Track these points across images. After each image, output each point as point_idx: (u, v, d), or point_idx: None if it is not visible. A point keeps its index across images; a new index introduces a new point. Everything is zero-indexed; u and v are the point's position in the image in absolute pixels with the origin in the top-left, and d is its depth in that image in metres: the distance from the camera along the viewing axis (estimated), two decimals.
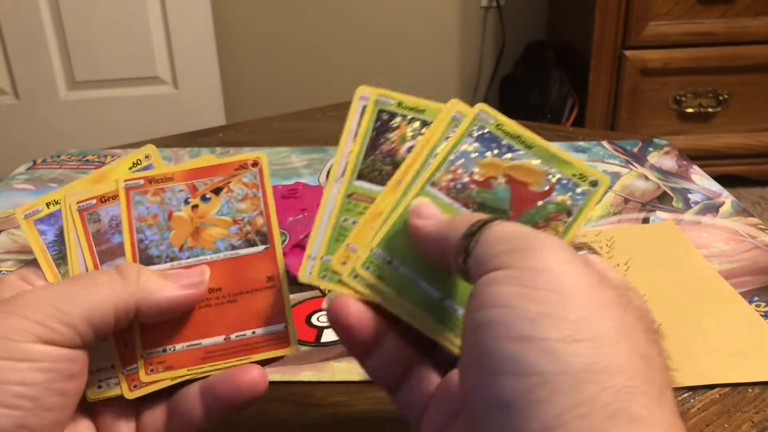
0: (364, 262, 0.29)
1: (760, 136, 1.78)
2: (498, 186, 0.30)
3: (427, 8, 2.08)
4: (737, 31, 1.67)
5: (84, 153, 0.74)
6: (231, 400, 0.29)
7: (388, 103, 0.32)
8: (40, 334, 0.25)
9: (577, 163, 0.29)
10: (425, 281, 0.29)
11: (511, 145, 0.30)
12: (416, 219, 0.28)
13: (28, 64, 1.84)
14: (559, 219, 0.29)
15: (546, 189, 0.29)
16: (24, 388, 0.24)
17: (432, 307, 0.29)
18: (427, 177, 0.30)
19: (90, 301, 0.26)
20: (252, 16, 2.05)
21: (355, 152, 0.32)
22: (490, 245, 0.24)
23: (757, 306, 0.45)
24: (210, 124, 1.09)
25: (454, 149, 0.30)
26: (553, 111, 1.81)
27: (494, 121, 0.30)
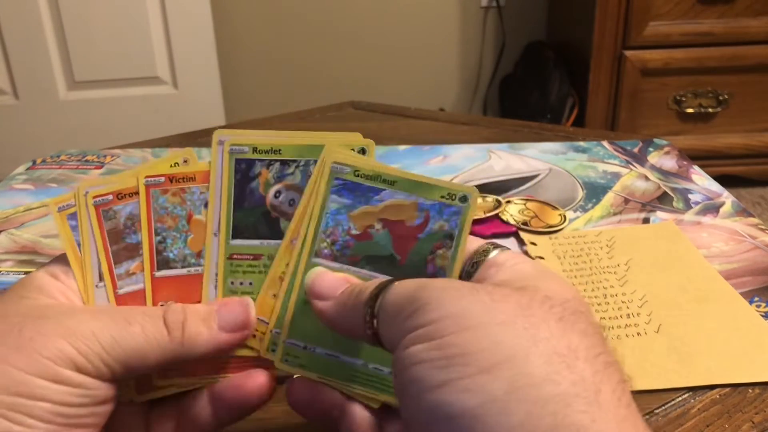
0: (282, 355, 0.30)
1: (760, 136, 1.78)
2: (377, 233, 0.30)
3: (427, 8, 2.08)
4: (737, 31, 1.67)
5: (84, 153, 0.74)
6: (239, 405, 0.29)
7: (243, 151, 0.31)
8: (80, 364, 0.26)
9: (440, 183, 0.30)
10: (344, 354, 0.30)
11: (374, 188, 0.30)
12: (316, 302, 0.29)
13: (27, 64, 1.84)
14: (443, 246, 0.29)
15: (422, 221, 0.30)
16: (60, 407, 0.25)
17: (361, 375, 0.30)
18: (308, 250, 0.30)
19: (134, 349, 0.27)
20: (252, 16, 2.05)
21: (224, 209, 0.31)
22: (392, 317, 0.25)
23: (757, 306, 0.45)
24: (210, 124, 1.09)
25: (322, 213, 0.30)
26: (553, 111, 1.81)
27: (350, 169, 0.30)
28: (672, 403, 0.37)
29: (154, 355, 0.27)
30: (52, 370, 0.25)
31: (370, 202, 0.30)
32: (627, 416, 0.21)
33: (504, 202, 0.59)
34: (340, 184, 0.30)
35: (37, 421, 0.25)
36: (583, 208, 0.59)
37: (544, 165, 0.69)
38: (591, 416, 0.20)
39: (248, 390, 0.29)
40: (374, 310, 0.26)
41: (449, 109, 2.20)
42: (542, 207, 0.59)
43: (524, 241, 0.54)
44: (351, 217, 0.30)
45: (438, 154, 0.71)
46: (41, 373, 0.25)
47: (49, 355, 0.25)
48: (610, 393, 0.21)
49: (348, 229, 0.30)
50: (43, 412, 0.25)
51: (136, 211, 0.30)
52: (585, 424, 0.20)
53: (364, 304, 0.26)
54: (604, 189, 0.63)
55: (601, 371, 0.21)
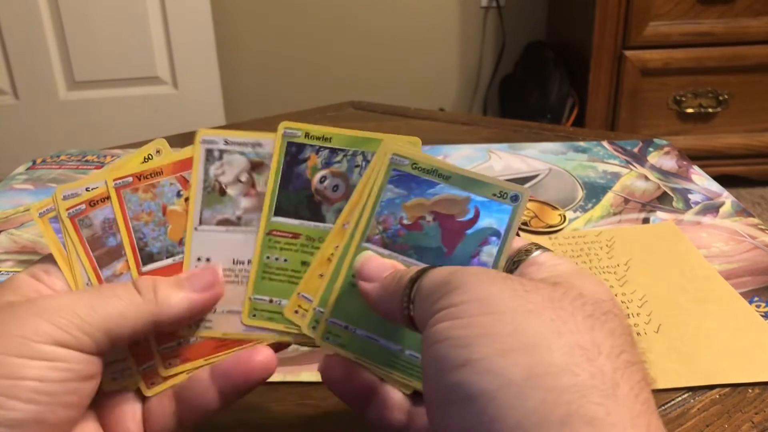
0: (323, 333, 0.31)
1: (760, 136, 1.78)
2: (427, 225, 0.31)
3: (427, 8, 2.08)
4: (737, 31, 1.67)
5: (84, 153, 0.74)
6: (244, 382, 0.30)
7: (296, 135, 0.33)
8: (59, 337, 0.26)
9: (494, 181, 0.30)
10: (383, 338, 0.31)
11: (429, 181, 0.31)
12: (363, 283, 0.29)
13: (27, 64, 1.84)
14: (489, 243, 0.30)
15: (472, 216, 0.30)
16: (42, 384, 0.25)
17: (395, 360, 0.31)
18: (360, 235, 0.31)
19: (111, 313, 0.27)
20: (252, 16, 2.05)
21: (269, 188, 0.32)
22: (424, 299, 0.25)
23: (757, 306, 0.45)
24: (210, 124, 1.09)
25: (378, 200, 0.31)
26: (553, 111, 1.81)
27: (408, 161, 0.31)
28: (672, 403, 0.37)
29: (132, 318, 0.27)
30: (29, 347, 0.25)
31: (424, 194, 0.31)
32: (642, 412, 0.20)
33: None
34: (397, 175, 0.31)
35: (18, 401, 0.24)
36: (583, 208, 0.59)
37: (544, 165, 0.69)
38: (606, 409, 0.20)
39: (254, 364, 0.29)
40: (411, 294, 0.26)
41: (449, 109, 2.20)
42: (542, 207, 0.59)
43: None
44: (404, 207, 0.31)
45: (438, 154, 0.71)
46: (18, 351, 0.25)
47: (25, 333, 0.25)
48: (627, 389, 0.21)
49: (400, 219, 0.31)
50: (25, 391, 0.24)
51: (111, 215, 0.31)
52: (599, 415, 0.20)
53: (404, 288, 0.27)
54: (604, 189, 0.63)
55: (622, 368, 0.21)
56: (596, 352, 0.21)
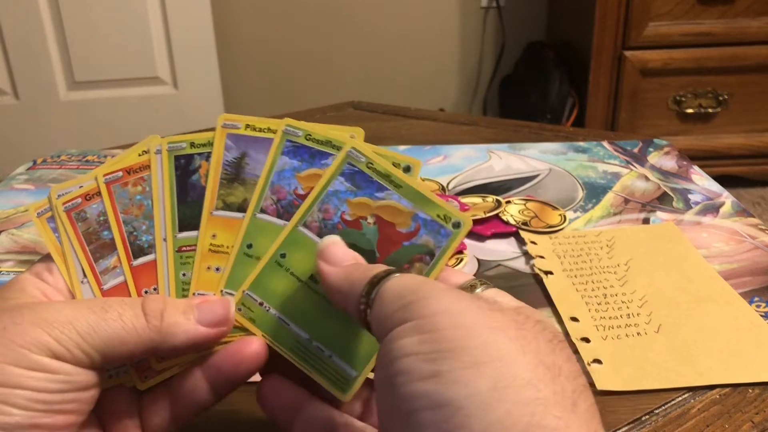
0: (237, 303, 0.31)
1: (760, 137, 1.78)
2: (367, 226, 0.31)
3: (427, 8, 2.08)
4: (737, 32, 1.67)
5: (84, 153, 0.75)
6: (235, 374, 0.30)
7: (180, 147, 0.32)
8: (56, 351, 0.26)
9: (442, 204, 0.30)
10: (294, 323, 0.31)
11: (380, 185, 0.31)
12: (322, 264, 0.29)
13: (28, 64, 1.84)
14: (422, 260, 0.30)
15: (412, 230, 0.30)
16: (39, 394, 0.25)
17: (301, 348, 0.30)
18: (298, 217, 0.31)
19: (111, 336, 0.27)
20: (252, 16, 2.05)
21: (168, 207, 0.32)
22: (388, 302, 0.25)
23: (757, 306, 0.45)
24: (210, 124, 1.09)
25: (325, 188, 0.31)
26: (553, 111, 1.81)
27: (365, 159, 0.31)
28: (672, 403, 0.37)
29: (132, 343, 0.27)
30: (27, 358, 0.25)
31: (372, 195, 0.31)
32: (597, 430, 0.22)
33: (504, 202, 0.59)
34: (350, 170, 0.31)
35: (15, 408, 0.25)
36: (583, 208, 0.59)
37: (544, 165, 0.69)
38: (565, 422, 0.21)
39: (245, 356, 0.29)
40: (372, 292, 0.26)
41: (449, 109, 2.20)
42: (542, 207, 0.59)
43: (524, 240, 0.54)
44: (349, 202, 0.31)
45: (438, 154, 0.71)
46: (16, 361, 0.25)
47: (24, 343, 0.25)
48: (584, 409, 0.22)
49: (342, 213, 0.31)
50: (22, 399, 0.25)
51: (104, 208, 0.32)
52: (559, 427, 0.21)
53: (367, 283, 0.27)
54: (604, 189, 0.63)
55: (579, 390, 0.22)
56: (557, 372, 0.22)
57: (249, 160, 0.32)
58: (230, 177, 0.32)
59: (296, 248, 0.31)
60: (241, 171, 0.32)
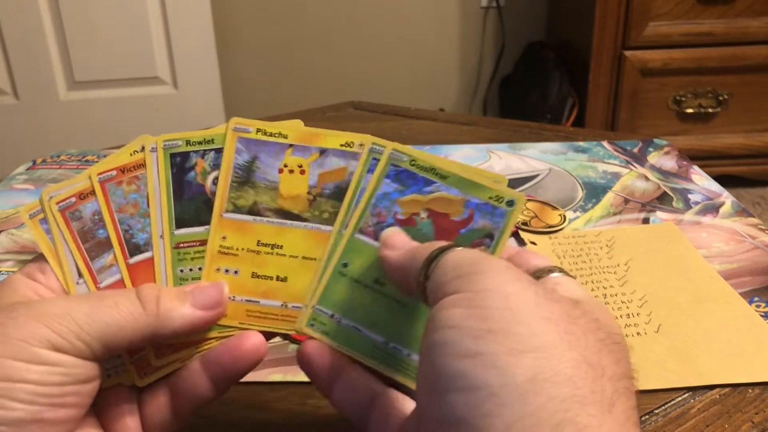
0: (309, 319, 0.31)
1: (760, 137, 1.78)
2: (421, 221, 0.31)
3: (427, 8, 2.08)
4: (737, 31, 1.67)
5: (84, 153, 0.74)
6: (234, 368, 0.30)
7: (176, 145, 0.32)
8: (56, 343, 0.26)
9: (492, 185, 0.30)
10: (367, 329, 0.31)
11: (427, 179, 0.31)
12: (385, 249, 0.29)
13: (28, 64, 1.84)
14: (483, 244, 0.30)
15: (466, 217, 0.30)
16: (40, 387, 0.25)
17: (379, 351, 0.30)
18: (354, 225, 0.31)
19: (109, 323, 0.27)
20: (252, 16, 2.05)
21: (164, 204, 0.32)
22: (444, 272, 0.25)
23: (757, 306, 0.45)
24: (210, 124, 1.09)
25: (374, 193, 0.31)
26: (553, 111, 1.81)
27: (407, 158, 0.32)
28: (672, 403, 0.37)
29: (130, 329, 0.27)
30: (27, 351, 0.25)
31: (420, 191, 0.31)
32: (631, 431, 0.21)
33: None
34: (394, 170, 0.32)
35: (17, 402, 0.25)
36: (583, 208, 0.59)
37: (544, 165, 0.69)
38: (599, 421, 0.20)
39: (244, 350, 0.29)
40: (429, 268, 0.26)
41: (449, 109, 2.20)
42: (542, 207, 0.59)
43: (524, 240, 0.54)
44: (399, 202, 0.31)
45: (438, 154, 0.71)
46: (16, 354, 0.25)
47: (23, 336, 0.25)
48: (621, 410, 0.21)
49: (395, 213, 0.31)
50: (24, 393, 0.25)
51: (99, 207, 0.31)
52: (592, 425, 0.20)
53: (424, 260, 0.26)
54: (604, 189, 0.63)
55: (620, 392, 0.22)
56: (600, 373, 0.22)
57: (259, 163, 0.32)
58: (241, 180, 0.32)
59: (356, 255, 0.31)
60: (252, 175, 0.32)
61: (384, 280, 0.31)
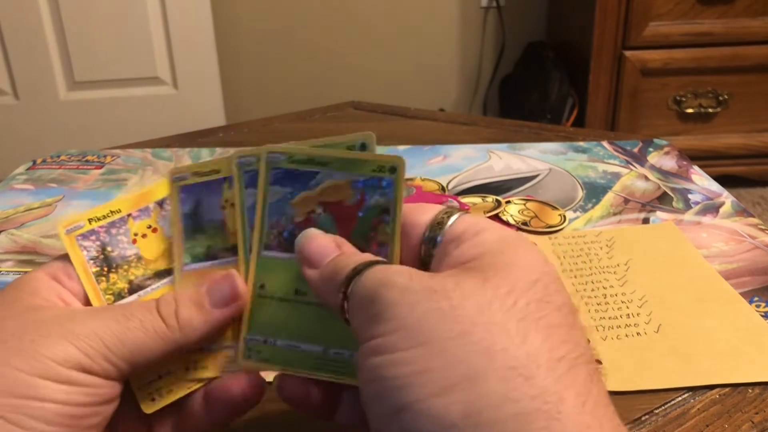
0: (244, 352, 0.30)
1: (760, 137, 1.78)
2: (318, 217, 0.30)
3: (427, 8, 2.08)
4: (737, 31, 1.67)
5: (84, 153, 0.74)
6: (228, 406, 0.30)
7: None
8: (86, 364, 0.26)
9: (369, 157, 0.29)
10: (303, 343, 0.30)
11: (309, 172, 0.30)
12: (305, 269, 0.28)
13: (28, 64, 1.84)
14: (383, 221, 0.29)
15: (358, 198, 0.30)
16: (66, 407, 0.25)
17: (321, 362, 0.30)
18: (257, 245, 0.31)
19: (137, 344, 0.27)
20: (252, 16, 2.05)
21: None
22: (356, 313, 0.25)
23: (757, 306, 0.45)
24: (210, 125, 1.09)
25: (265, 205, 0.30)
26: (553, 111, 1.81)
27: (284, 156, 0.30)
28: (672, 403, 0.37)
29: (157, 348, 0.27)
30: (56, 371, 0.25)
31: (308, 187, 0.30)
32: (590, 423, 0.20)
33: (504, 202, 0.59)
34: (277, 174, 0.30)
35: (42, 423, 0.25)
36: (583, 208, 0.59)
37: (544, 165, 0.69)
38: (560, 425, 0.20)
39: (234, 392, 0.29)
40: (346, 295, 0.26)
41: (449, 109, 2.20)
42: (542, 207, 0.59)
43: None
44: (292, 205, 0.30)
45: (438, 154, 0.71)
46: (45, 374, 0.25)
47: (53, 356, 0.25)
48: (573, 399, 0.20)
49: (292, 217, 0.30)
50: (49, 413, 0.25)
51: None
52: None
53: (339, 288, 0.26)
54: (604, 189, 0.63)
55: (564, 374, 0.21)
56: (534, 367, 0.21)
57: (204, 206, 0.32)
58: (191, 228, 0.32)
59: (269, 273, 0.30)
60: (200, 220, 0.32)
61: (304, 289, 0.30)
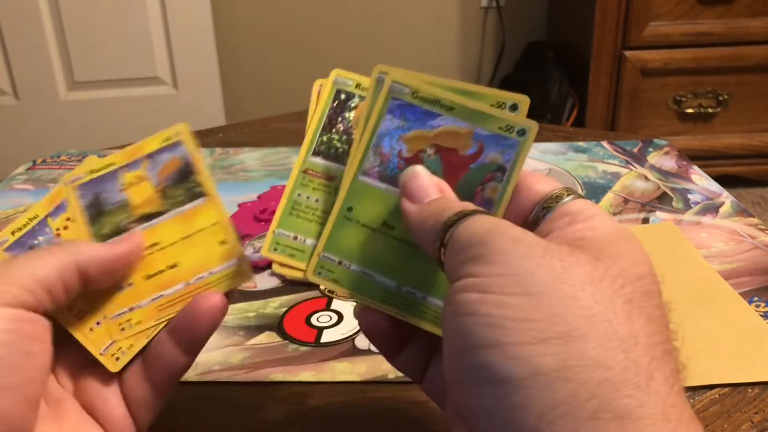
0: (316, 268, 0.30)
1: (760, 137, 1.78)
2: (428, 158, 0.29)
3: (427, 8, 2.08)
4: (737, 31, 1.67)
5: (84, 153, 0.74)
6: (200, 329, 0.29)
7: (347, 84, 0.33)
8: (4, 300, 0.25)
9: (500, 114, 0.29)
10: (378, 274, 0.30)
11: (431, 112, 0.29)
12: (405, 202, 0.28)
13: (28, 64, 1.84)
14: (494, 178, 0.29)
15: (475, 150, 0.29)
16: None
17: (392, 296, 0.29)
18: (356, 167, 0.30)
19: (33, 264, 0.27)
20: (252, 16, 2.05)
21: (311, 129, 0.32)
22: (456, 251, 0.24)
23: (757, 306, 0.45)
24: (210, 124, 1.09)
25: (375, 131, 0.30)
26: (553, 111, 1.81)
27: (409, 90, 0.29)
28: None
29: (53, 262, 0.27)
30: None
31: (425, 125, 0.29)
32: (675, 402, 0.20)
33: None
34: (397, 105, 0.30)
35: None
36: None
37: (544, 165, 0.69)
38: (638, 401, 0.19)
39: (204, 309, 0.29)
40: (444, 239, 0.25)
41: None
42: None
43: None
44: (404, 139, 0.30)
45: None
46: None
47: None
48: (662, 380, 0.20)
49: (399, 151, 0.30)
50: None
51: None
52: (630, 408, 0.19)
53: (439, 229, 0.25)
54: (603, 189, 0.63)
55: (658, 358, 0.21)
56: (633, 343, 0.21)
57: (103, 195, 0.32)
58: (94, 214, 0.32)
59: (361, 199, 0.30)
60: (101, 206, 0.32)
61: (393, 223, 0.29)
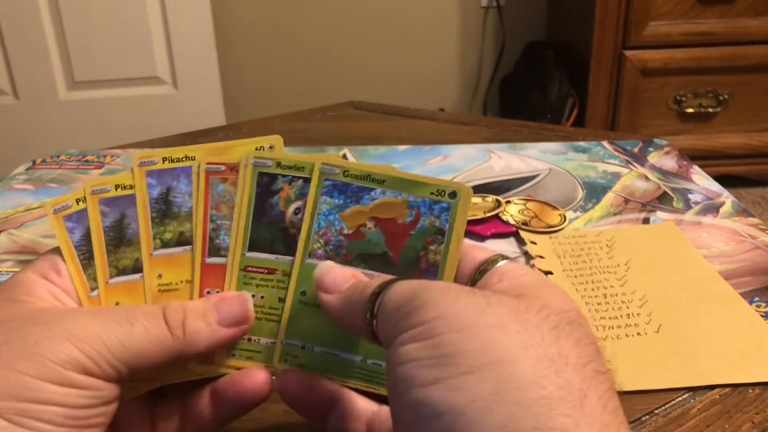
0: (280, 355, 0.31)
1: (760, 136, 1.78)
2: (369, 232, 0.30)
3: (427, 8, 2.08)
4: (737, 31, 1.67)
5: (84, 153, 0.74)
6: (237, 402, 0.30)
7: (267, 165, 0.31)
8: (88, 367, 0.26)
9: (429, 181, 0.30)
10: (342, 351, 0.30)
11: (364, 187, 0.31)
12: (323, 295, 0.29)
13: (27, 64, 1.84)
14: (435, 242, 0.30)
15: (413, 218, 0.30)
16: (69, 410, 0.25)
17: (361, 370, 0.30)
18: (301, 252, 0.31)
19: (139, 350, 0.27)
20: (252, 16, 2.05)
21: (242, 223, 0.31)
22: (391, 314, 0.25)
23: (757, 306, 0.45)
24: (210, 124, 1.09)
25: (314, 213, 0.31)
26: (553, 111, 1.81)
27: (339, 170, 0.31)
28: (672, 403, 0.37)
29: (158, 355, 0.28)
30: (59, 374, 0.25)
31: (361, 201, 0.30)
32: (610, 422, 0.21)
33: (504, 202, 0.59)
34: (330, 185, 0.31)
35: (47, 424, 0.25)
36: (583, 208, 0.59)
37: (544, 165, 0.69)
38: (574, 420, 0.20)
39: (246, 387, 0.30)
40: (374, 308, 0.26)
41: (449, 109, 2.20)
42: (542, 207, 0.59)
43: (524, 240, 0.54)
44: (343, 216, 0.31)
45: (438, 154, 0.71)
46: (50, 377, 0.25)
47: (56, 359, 0.25)
48: (596, 399, 0.21)
49: (340, 229, 0.31)
50: (53, 415, 0.25)
51: None
52: (567, 427, 0.20)
53: (366, 301, 0.26)
54: (604, 189, 0.63)
55: (590, 378, 0.22)
56: (563, 363, 0.21)
57: (175, 193, 0.32)
58: (161, 214, 0.31)
59: (312, 281, 0.30)
60: (170, 206, 0.32)
61: None
